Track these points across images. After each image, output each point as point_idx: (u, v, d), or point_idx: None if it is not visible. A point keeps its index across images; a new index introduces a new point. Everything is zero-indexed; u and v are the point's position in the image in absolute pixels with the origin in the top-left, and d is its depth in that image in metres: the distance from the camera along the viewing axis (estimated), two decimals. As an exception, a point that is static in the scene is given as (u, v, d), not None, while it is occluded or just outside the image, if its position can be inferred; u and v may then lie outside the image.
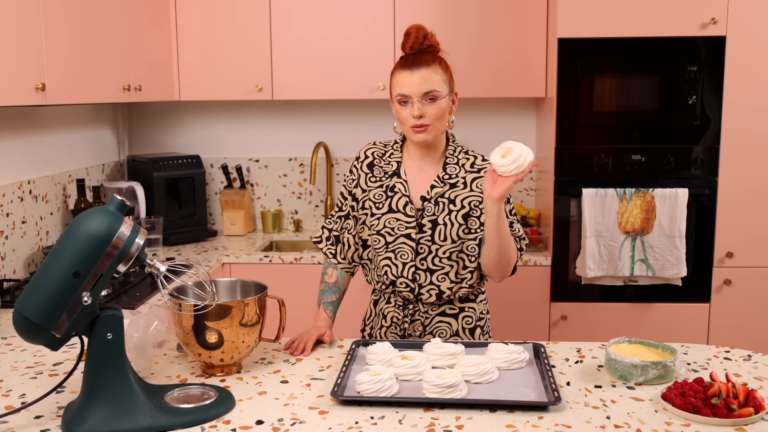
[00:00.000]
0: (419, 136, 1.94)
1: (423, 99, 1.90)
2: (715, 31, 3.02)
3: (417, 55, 1.93)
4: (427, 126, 1.92)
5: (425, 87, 1.90)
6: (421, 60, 1.92)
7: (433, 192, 1.99)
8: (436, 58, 1.95)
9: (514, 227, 1.99)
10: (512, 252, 1.93)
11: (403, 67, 1.93)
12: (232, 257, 3.25)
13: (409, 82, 1.91)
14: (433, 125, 1.93)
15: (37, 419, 1.49)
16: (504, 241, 1.87)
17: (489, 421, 1.47)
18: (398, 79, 1.93)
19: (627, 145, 3.11)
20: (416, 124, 1.92)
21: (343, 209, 2.10)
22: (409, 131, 1.96)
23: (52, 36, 2.38)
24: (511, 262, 1.95)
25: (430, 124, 1.92)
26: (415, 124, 1.92)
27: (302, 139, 3.82)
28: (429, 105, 1.91)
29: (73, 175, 3.21)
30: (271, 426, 1.45)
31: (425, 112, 1.91)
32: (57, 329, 1.40)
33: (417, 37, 1.94)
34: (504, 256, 1.91)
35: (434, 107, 1.92)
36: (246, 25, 3.41)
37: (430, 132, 1.94)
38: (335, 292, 2.09)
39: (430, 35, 1.96)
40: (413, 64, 1.92)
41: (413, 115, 1.91)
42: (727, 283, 3.16)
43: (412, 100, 1.91)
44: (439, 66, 1.94)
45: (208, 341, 1.66)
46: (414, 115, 1.91)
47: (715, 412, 1.44)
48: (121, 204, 1.45)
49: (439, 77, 1.92)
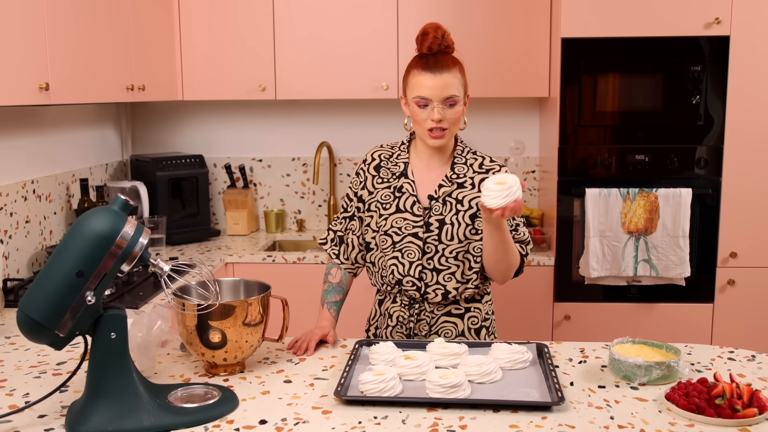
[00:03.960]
0: (436, 142, 1.93)
1: (443, 104, 1.89)
2: (718, 31, 3.01)
3: (437, 57, 1.91)
4: (445, 131, 1.92)
5: (446, 92, 1.89)
6: (442, 63, 1.90)
7: (441, 191, 1.98)
8: (456, 62, 1.94)
9: (519, 230, 1.99)
10: (513, 258, 1.92)
11: (424, 68, 1.91)
12: (235, 257, 3.25)
13: (430, 85, 1.89)
14: (450, 129, 1.93)
15: (41, 418, 1.49)
16: (500, 248, 1.87)
17: (492, 421, 1.47)
18: (418, 80, 1.91)
19: (630, 145, 3.11)
20: (434, 128, 1.91)
21: (348, 210, 2.10)
22: (425, 134, 1.94)
23: (56, 36, 2.38)
24: (512, 267, 1.94)
25: (447, 128, 1.92)
26: (432, 127, 1.91)
27: (305, 139, 3.82)
28: (448, 110, 1.91)
29: (77, 174, 3.21)
30: (274, 426, 1.46)
31: (444, 117, 1.90)
32: (61, 328, 1.40)
33: (436, 36, 1.92)
34: (503, 261, 1.91)
35: (453, 112, 1.91)
36: (249, 24, 3.41)
37: (446, 137, 1.94)
38: (339, 292, 2.09)
39: (447, 34, 1.94)
40: (435, 67, 1.89)
41: (433, 119, 1.90)
42: (730, 283, 3.16)
43: (433, 104, 1.90)
44: (458, 70, 1.93)
45: (212, 341, 1.66)
46: (434, 119, 1.90)
47: (719, 413, 1.44)
48: (124, 203, 1.45)
49: (458, 81, 1.92)
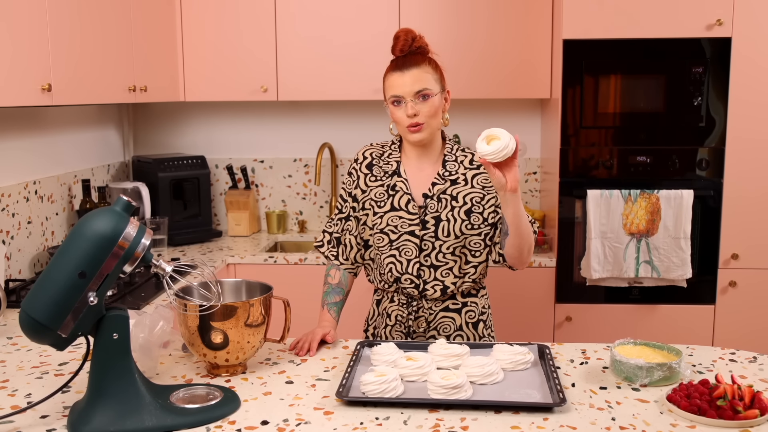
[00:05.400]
0: (415, 136, 1.97)
1: (416, 98, 1.94)
2: (720, 33, 3.01)
3: (407, 57, 1.98)
4: (421, 125, 1.95)
5: (417, 86, 1.93)
6: (411, 61, 1.96)
7: (435, 189, 2.00)
8: (425, 58, 1.99)
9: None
10: (531, 237, 1.96)
11: (394, 69, 1.98)
12: (237, 258, 3.25)
13: (400, 83, 1.94)
14: (427, 123, 1.96)
15: (43, 419, 1.49)
16: (525, 226, 1.90)
17: (494, 422, 1.47)
18: (390, 81, 1.97)
19: (632, 146, 3.11)
20: (411, 123, 1.95)
21: (343, 211, 2.11)
22: (404, 131, 1.98)
23: (59, 36, 2.39)
24: (532, 245, 1.97)
25: (424, 122, 1.95)
26: (409, 123, 1.95)
27: (307, 140, 3.82)
28: (422, 104, 1.94)
29: (79, 175, 3.22)
30: (276, 426, 1.46)
31: (419, 111, 1.94)
32: (63, 329, 1.40)
33: (406, 39, 1.98)
34: (526, 241, 1.93)
35: (427, 105, 1.95)
36: (251, 26, 3.41)
37: (425, 130, 1.96)
38: (339, 293, 2.09)
39: (419, 38, 2.00)
40: (403, 66, 1.96)
41: (407, 114, 1.94)
42: (732, 284, 3.15)
43: (405, 100, 1.94)
44: (429, 65, 1.97)
45: (214, 341, 1.66)
46: (408, 114, 1.94)
47: (720, 414, 1.44)
48: (127, 204, 1.46)
49: (429, 76, 1.96)
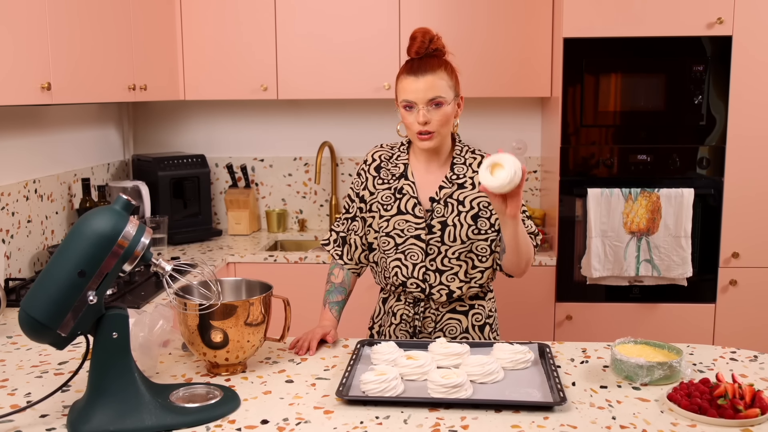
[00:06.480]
0: (424, 144, 1.93)
1: (428, 105, 1.89)
2: (721, 31, 3.01)
3: (423, 60, 1.91)
4: (432, 133, 1.91)
5: (430, 93, 1.89)
6: (426, 65, 1.90)
7: (441, 193, 1.98)
8: (441, 63, 1.92)
9: (526, 224, 2.00)
10: (530, 251, 1.95)
11: (408, 72, 1.91)
12: (237, 257, 3.25)
13: (414, 89, 1.89)
14: (438, 132, 1.92)
15: (43, 418, 1.49)
16: (524, 245, 1.88)
17: (494, 421, 1.47)
18: (404, 85, 1.92)
19: (632, 145, 3.11)
20: (421, 131, 1.91)
21: (350, 211, 2.10)
22: (414, 137, 1.95)
23: (58, 35, 2.38)
24: (530, 261, 1.96)
25: (434, 131, 1.91)
26: (420, 130, 1.91)
27: (307, 139, 3.82)
28: (434, 111, 1.90)
29: (79, 174, 3.22)
30: (276, 425, 1.45)
31: (430, 119, 1.90)
32: (62, 328, 1.40)
33: (423, 41, 1.91)
34: (524, 258, 1.92)
35: (439, 113, 1.90)
36: (251, 24, 3.41)
37: (435, 138, 1.93)
38: (341, 293, 2.09)
39: (437, 38, 1.93)
40: (419, 70, 1.90)
41: (418, 122, 1.90)
42: (732, 283, 3.15)
43: (418, 107, 1.90)
44: (444, 71, 1.91)
45: (213, 340, 1.66)
46: (419, 122, 1.90)
47: (721, 413, 1.44)
48: (126, 203, 1.46)
49: (444, 83, 1.90)
